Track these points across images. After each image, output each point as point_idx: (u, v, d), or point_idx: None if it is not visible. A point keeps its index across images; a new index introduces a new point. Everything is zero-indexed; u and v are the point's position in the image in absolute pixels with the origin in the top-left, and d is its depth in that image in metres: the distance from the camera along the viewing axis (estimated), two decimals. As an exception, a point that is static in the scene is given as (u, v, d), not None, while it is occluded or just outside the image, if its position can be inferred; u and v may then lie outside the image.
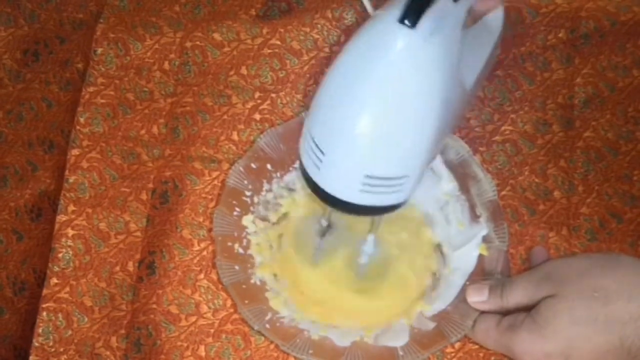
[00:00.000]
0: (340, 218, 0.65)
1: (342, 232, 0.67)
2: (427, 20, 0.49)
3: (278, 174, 0.70)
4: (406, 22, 0.49)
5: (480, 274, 0.64)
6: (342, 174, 0.53)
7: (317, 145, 0.53)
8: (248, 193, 0.69)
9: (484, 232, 0.66)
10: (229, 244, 0.67)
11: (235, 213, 0.68)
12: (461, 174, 0.68)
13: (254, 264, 0.67)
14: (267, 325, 0.63)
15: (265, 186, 0.69)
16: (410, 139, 0.52)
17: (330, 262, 0.67)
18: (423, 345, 0.62)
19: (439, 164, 0.68)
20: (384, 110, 0.51)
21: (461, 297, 0.64)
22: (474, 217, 0.67)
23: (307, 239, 0.68)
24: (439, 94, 0.52)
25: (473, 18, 0.65)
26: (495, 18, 0.66)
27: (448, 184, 0.68)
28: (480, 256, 0.65)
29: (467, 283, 0.64)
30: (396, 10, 0.50)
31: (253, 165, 0.69)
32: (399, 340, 0.63)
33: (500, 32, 0.67)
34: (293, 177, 0.70)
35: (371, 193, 0.53)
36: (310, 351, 0.62)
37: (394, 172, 0.53)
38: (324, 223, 0.66)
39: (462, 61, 0.56)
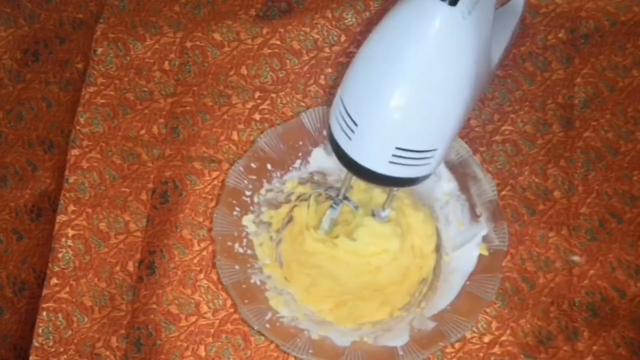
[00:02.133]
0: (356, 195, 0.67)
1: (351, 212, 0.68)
2: None
3: (278, 174, 0.70)
4: (447, 0, 0.50)
5: (480, 273, 0.64)
6: (374, 145, 0.54)
7: (350, 117, 0.54)
8: (248, 193, 0.69)
9: (484, 231, 0.66)
10: (229, 243, 0.67)
11: (235, 213, 0.68)
12: (461, 174, 0.68)
13: (254, 265, 0.67)
14: (267, 325, 0.63)
15: (266, 186, 0.69)
16: (441, 114, 0.53)
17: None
18: (423, 345, 0.62)
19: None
20: (418, 85, 0.52)
21: (461, 297, 0.64)
22: (474, 216, 0.67)
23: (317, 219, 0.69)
24: (471, 70, 0.53)
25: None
26: (519, 1, 0.68)
27: (448, 183, 0.68)
28: (480, 256, 0.65)
29: (467, 283, 0.64)
30: None
31: (253, 165, 0.69)
32: (398, 340, 0.63)
33: (521, 15, 0.68)
34: (293, 176, 0.70)
35: (400, 165, 0.54)
36: (310, 351, 0.62)
37: (424, 145, 0.54)
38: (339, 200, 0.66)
39: (492, 39, 0.57)
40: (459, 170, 0.68)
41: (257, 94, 0.73)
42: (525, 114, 0.71)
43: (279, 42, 0.74)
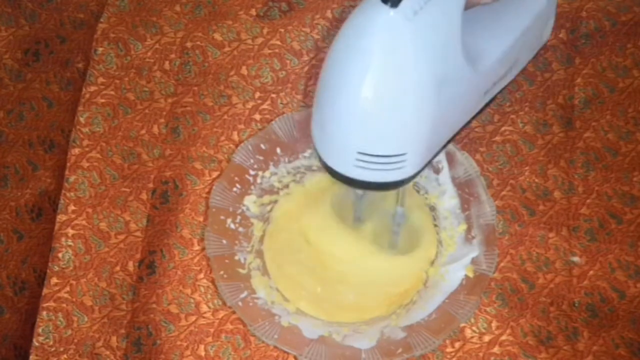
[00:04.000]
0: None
1: (374, 203, 0.67)
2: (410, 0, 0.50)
3: (286, 159, 0.69)
4: (388, 2, 0.50)
5: (460, 294, 0.64)
6: (337, 148, 0.54)
7: (319, 118, 0.54)
8: (252, 172, 0.69)
9: (474, 253, 0.65)
10: (222, 217, 0.67)
11: (234, 189, 0.68)
12: (465, 193, 0.67)
13: (243, 243, 0.67)
14: (240, 303, 0.63)
15: (272, 169, 0.69)
16: (399, 118, 0.52)
17: (364, 231, 0.67)
18: (387, 352, 0.61)
19: (446, 178, 0.68)
20: (369, 89, 0.51)
21: (437, 314, 0.63)
22: (468, 237, 0.66)
23: (341, 206, 0.68)
24: (426, 72, 0.52)
25: None
26: None
27: (450, 200, 0.68)
28: (465, 277, 0.65)
29: (446, 301, 0.64)
30: None
31: (262, 146, 0.69)
32: (365, 343, 0.62)
33: (545, 3, 0.65)
34: (302, 164, 0.70)
35: (367, 169, 0.54)
36: (276, 336, 0.62)
37: (387, 149, 0.53)
38: (359, 192, 0.65)
39: (479, 36, 0.56)
40: (464, 189, 0.68)
41: (257, 94, 0.73)
42: (525, 115, 0.71)
43: (279, 42, 0.74)
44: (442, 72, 0.53)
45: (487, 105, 0.65)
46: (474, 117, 0.64)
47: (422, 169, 0.57)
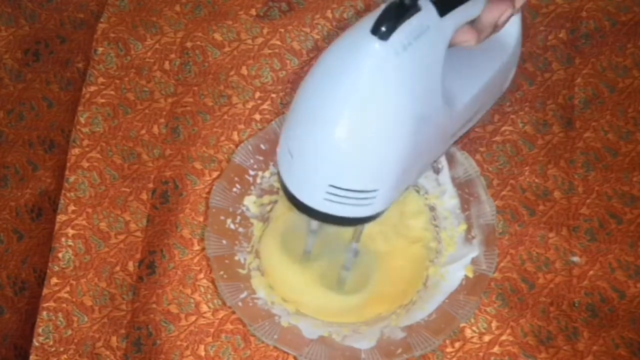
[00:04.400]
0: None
1: (329, 236, 0.66)
2: (401, 33, 0.48)
3: None
4: (378, 34, 0.48)
5: (460, 294, 0.64)
6: (307, 180, 0.52)
7: (287, 147, 0.52)
8: (252, 172, 0.69)
9: (474, 253, 0.65)
10: (222, 217, 0.67)
11: (234, 189, 0.68)
12: (465, 193, 0.67)
13: (243, 243, 0.67)
14: (240, 304, 0.63)
15: (272, 169, 0.69)
16: (377, 153, 0.51)
17: (313, 265, 0.67)
18: (387, 353, 0.62)
19: (446, 178, 0.68)
20: (348, 122, 0.50)
21: (437, 314, 0.63)
22: (468, 237, 0.66)
23: (294, 237, 0.67)
24: (409, 109, 0.50)
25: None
26: (508, 34, 0.64)
27: (450, 200, 0.68)
28: (465, 277, 0.65)
29: (446, 301, 0.64)
30: (372, 21, 0.48)
31: (262, 147, 0.69)
32: (365, 343, 0.63)
33: (513, 50, 0.64)
34: None
35: (337, 203, 0.52)
36: (276, 337, 0.62)
37: (360, 185, 0.52)
38: (313, 226, 0.64)
39: (453, 77, 0.55)
40: (464, 189, 0.68)
41: (257, 94, 0.73)
42: (525, 115, 0.71)
43: (279, 42, 0.74)
44: (422, 110, 0.51)
45: (444, 152, 0.64)
46: (437, 158, 0.63)
47: (388, 207, 0.55)
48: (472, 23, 0.54)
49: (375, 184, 0.52)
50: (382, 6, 0.49)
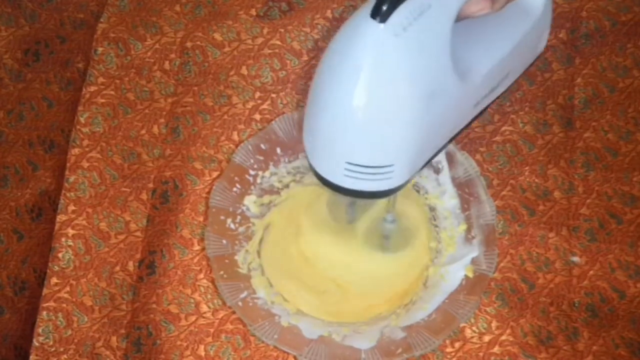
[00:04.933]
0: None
1: (365, 206, 0.68)
2: (400, 14, 0.49)
3: (286, 159, 0.70)
4: (377, 17, 0.49)
5: (460, 294, 0.64)
6: (326, 158, 0.55)
7: (309, 127, 0.54)
8: (252, 172, 0.69)
9: (474, 253, 0.65)
10: (222, 217, 0.67)
11: (235, 189, 0.68)
12: (465, 193, 0.67)
13: (242, 243, 0.67)
14: (240, 303, 0.64)
15: (272, 169, 0.69)
16: (387, 131, 0.52)
17: (352, 232, 0.68)
18: (387, 352, 0.62)
19: (446, 178, 0.68)
20: (358, 102, 0.51)
21: (437, 314, 0.63)
22: (468, 237, 0.66)
23: (318, 208, 0.69)
24: (416, 87, 0.51)
25: None
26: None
27: (450, 200, 0.68)
28: (465, 277, 0.65)
29: (446, 301, 0.64)
30: (372, 4, 0.50)
31: (262, 146, 0.69)
32: (365, 343, 0.63)
33: (541, 13, 0.63)
34: (302, 164, 0.70)
35: (356, 179, 0.54)
36: (276, 336, 0.62)
37: (375, 161, 0.53)
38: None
39: (470, 48, 0.56)
40: (464, 189, 0.68)
41: (257, 94, 0.73)
42: (525, 115, 0.71)
43: (279, 42, 0.74)
44: (431, 86, 0.52)
45: (479, 115, 0.64)
46: (465, 127, 0.64)
47: (411, 179, 0.57)
48: None
49: (390, 159, 0.54)
50: None
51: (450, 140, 0.61)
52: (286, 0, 0.76)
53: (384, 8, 0.49)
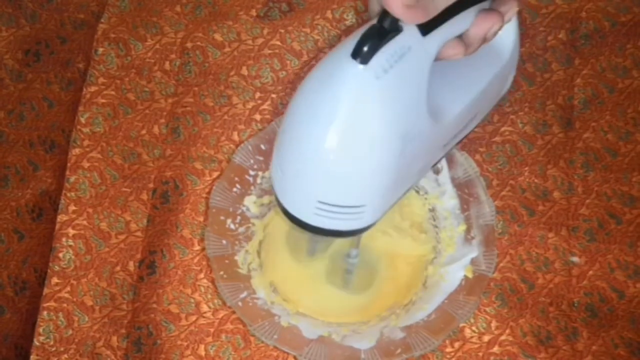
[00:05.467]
0: None
1: (328, 240, 0.67)
2: (381, 56, 0.48)
3: None
4: (358, 58, 0.48)
5: (460, 294, 0.64)
6: (297, 195, 0.54)
7: (278, 164, 0.53)
8: (252, 172, 0.69)
9: (474, 254, 0.65)
10: (222, 217, 0.67)
11: (234, 189, 0.68)
12: (465, 193, 0.68)
13: (242, 243, 0.67)
14: (240, 303, 0.64)
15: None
16: (361, 172, 0.51)
17: (318, 265, 0.67)
18: (387, 353, 0.62)
19: (445, 178, 0.68)
20: (331, 144, 0.50)
21: (437, 314, 0.64)
22: (468, 238, 0.67)
23: (298, 236, 0.67)
24: (391, 129, 0.50)
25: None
26: (503, 40, 0.63)
27: (450, 200, 0.68)
28: (465, 277, 0.65)
29: (446, 301, 0.64)
30: (353, 44, 0.48)
31: (262, 147, 0.69)
32: (365, 343, 0.63)
33: (509, 56, 0.63)
34: None
35: (327, 217, 0.53)
36: (275, 337, 0.62)
37: (348, 200, 0.52)
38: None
39: (442, 90, 0.55)
40: (463, 189, 0.68)
41: (257, 95, 0.73)
42: (525, 115, 0.71)
43: (279, 43, 0.74)
44: (406, 128, 0.51)
45: (444, 155, 0.64)
46: (433, 166, 0.64)
47: (380, 218, 0.56)
48: (460, 36, 0.54)
49: (362, 199, 0.53)
50: (363, 27, 0.49)
51: (418, 179, 0.61)
52: (286, 0, 0.76)
53: (365, 49, 0.48)
